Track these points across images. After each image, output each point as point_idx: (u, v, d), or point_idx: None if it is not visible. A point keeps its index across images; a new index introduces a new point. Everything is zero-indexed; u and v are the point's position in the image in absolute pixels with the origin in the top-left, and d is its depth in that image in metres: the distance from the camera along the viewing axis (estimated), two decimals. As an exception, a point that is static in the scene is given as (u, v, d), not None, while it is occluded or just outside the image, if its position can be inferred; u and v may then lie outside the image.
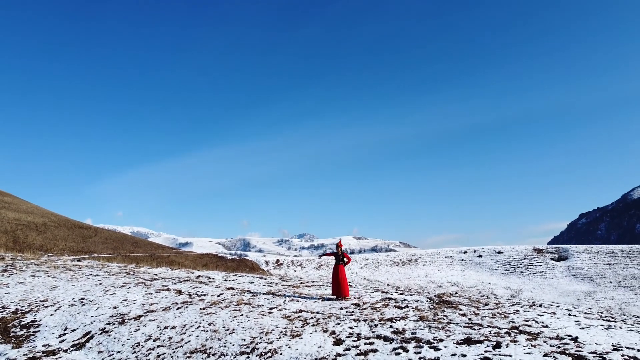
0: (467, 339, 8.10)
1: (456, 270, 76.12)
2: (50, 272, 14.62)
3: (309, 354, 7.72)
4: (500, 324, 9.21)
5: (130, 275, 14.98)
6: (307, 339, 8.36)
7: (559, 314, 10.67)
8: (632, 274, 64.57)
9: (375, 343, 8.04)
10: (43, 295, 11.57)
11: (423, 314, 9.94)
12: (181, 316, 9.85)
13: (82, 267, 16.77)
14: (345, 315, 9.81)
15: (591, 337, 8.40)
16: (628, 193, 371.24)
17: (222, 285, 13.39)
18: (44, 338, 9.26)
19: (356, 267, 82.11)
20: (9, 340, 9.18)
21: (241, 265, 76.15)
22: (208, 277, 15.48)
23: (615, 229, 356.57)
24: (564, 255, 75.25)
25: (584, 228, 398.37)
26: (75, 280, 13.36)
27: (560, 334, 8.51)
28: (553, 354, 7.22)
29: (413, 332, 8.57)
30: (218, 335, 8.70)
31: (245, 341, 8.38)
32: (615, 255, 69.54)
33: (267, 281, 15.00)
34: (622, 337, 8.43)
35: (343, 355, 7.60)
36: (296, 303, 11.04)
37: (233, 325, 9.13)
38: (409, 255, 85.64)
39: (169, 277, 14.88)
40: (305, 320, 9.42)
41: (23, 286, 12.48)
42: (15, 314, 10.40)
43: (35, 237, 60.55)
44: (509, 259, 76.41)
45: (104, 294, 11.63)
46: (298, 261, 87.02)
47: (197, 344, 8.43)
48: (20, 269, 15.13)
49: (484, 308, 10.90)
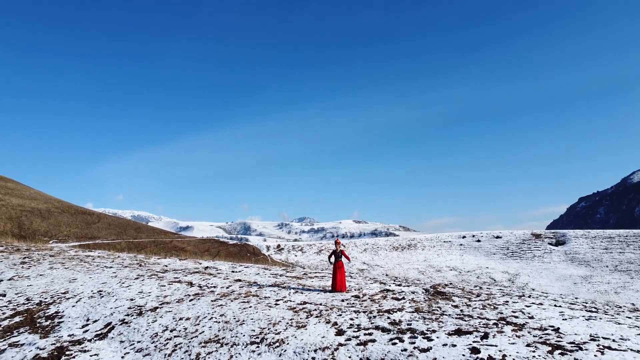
0: (458, 329, 8.87)
1: (455, 254, 77.27)
2: (67, 264, 15.39)
3: (313, 343, 8.48)
4: (490, 315, 9.98)
5: (142, 267, 15.76)
6: (312, 330, 9.13)
7: (546, 305, 11.43)
8: (629, 258, 65.62)
9: (374, 334, 8.81)
10: (63, 288, 12.34)
11: (418, 306, 10.71)
12: (194, 308, 10.62)
13: (95, 259, 17.55)
14: (346, 307, 10.58)
15: (572, 327, 9.15)
16: (628, 177, 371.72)
17: (230, 277, 14.18)
18: (68, 328, 10.04)
19: (356, 251, 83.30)
20: (36, 331, 9.96)
21: (243, 250, 77.39)
22: (215, 268, 16.26)
23: (615, 212, 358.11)
24: (562, 240, 76.24)
25: (583, 212, 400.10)
26: (91, 272, 14.13)
27: (544, 324, 9.27)
28: (535, 344, 7.97)
29: (408, 323, 9.34)
30: (229, 326, 9.48)
31: (254, 332, 9.15)
32: (612, 240, 70.52)
33: (272, 272, 15.78)
34: (600, 327, 9.18)
35: (344, 345, 8.36)
36: (300, 295, 11.82)
37: (243, 317, 9.90)
38: (408, 240, 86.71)
39: (179, 269, 15.67)
40: (310, 312, 10.20)
41: (43, 278, 13.25)
42: (39, 306, 11.18)
43: (39, 223, 61.52)
44: (507, 244, 77.49)
45: (120, 286, 12.41)
46: (299, 246, 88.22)
47: (211, 335, 9.20)
48: (38, 260, 15.90)
49: (475, 299, 11.68)
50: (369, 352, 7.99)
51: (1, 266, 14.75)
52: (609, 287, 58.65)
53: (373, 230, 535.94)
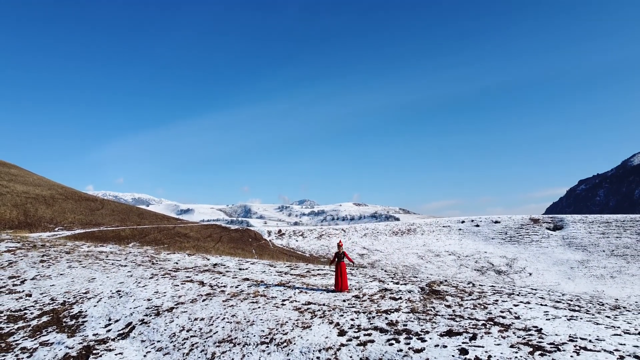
0: (449, 330, 9.75)
1: (454, 239, 78.46)
2: (84, 262, 16.29)
3: (317, 344, 9.36)
4: (479, 315, 10.86)
5: (155, 264, 16.67)
6: (316, 330, 10.02)
7: (532, 304, 12.32)
8: (625, 243, 66.76)
9: (373, 334, 9.69)
10: (84, 287, 13.24)
11: (414, 306, 11.59)
12: (207, 308, 11.51)
13: (108, 255, 18.46)
14: (347, 308, 11.47)
15: (554, 328, 10.02)
16: (628, 159, 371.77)
17: (238, 276, 15.08)
18: (92, 328, 10.94)
19: (356, 236, 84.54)
20: (63, 330, 10.86)
21: (244, 236, 78.61)
22: (224, 266, 17.17)
23: (614, 195, 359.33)
24: (560, 225, 77.27)
25: (583, 194, 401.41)
26: (108, 271, 15.03)
27: (528, 325, 10.14)
28: (518, 344, 8.85)
29: (404, 324, 10.22)
30: (241, 327, 10.37)
31: (264, 332, 10.04)
32: (609, 224, 71.55)
33: (277, 270, 16.69)
34: (579, 328, 10.06)
35: (346, 345, 9.25)
36: (305, 295, 12.72)
37: (253, 317, 10.80)
38: (408, 225, 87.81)
39: (190, 267, 16.56)
40: (314, 313, 11.09)
41: (64, 278, 14.15)
42: (63, 306, 12.07)
43: (44, 210, 62.58)
44: (505, 228, 78.62)
45: (136, 286, 13.30)
46: (299, 231, 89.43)
47: (224, 335, 10.10)
48: (56, 258, 16.79)
49: (467, 298, 12.57)
50: (368, 352, 8.87)
51: (22, 265, 15.65)
52: (605, 272, 59.88)
53: (373, 213, 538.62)
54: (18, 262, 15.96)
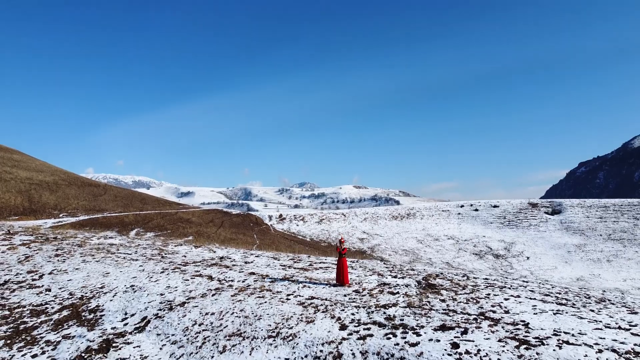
0: (442, 325, 10.52)
1: (453, 223, 79.45)
2: (97, 256, 17.08)
3: (320, 338, 10.14)
4: (471, 309, 11.63)
5: (165, 259, 17.46)
6: (319, 325, 10.79)
7: (522, 297, 13.09)
8: (622, 227, 67.67)
9: (372, 328, 10.46)
10: (99, 282, 14.02)
11: (410, 300, 12.37)
12: (217, 303, 12.30)
13: (118, 248, 19.26)
14: (348, 302, 12.24)
15: (540, 322, 10.78)
16: (629, 142, 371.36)
17: (245, 270, 15.87)
18: (110, 322, 11.73)
19: (356, 221, 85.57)
20: (83, 324, 11.65)
21: (246, 221, 79.62)
22: (230, 259, 17.96)
23: (614, 177, 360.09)
24: (558, 209, 78.12)
25: (582, 177, 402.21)
26: (120, 266, 15.82)
27: (516, 319, 10.91)
28: (506, 339, 9.61)
29: (401, 318, 10.99)
30: (249, 321, 11.15)
31: (271, 326, 10.83)
32: (607, 209, 72.38)
33: (281, 263, 17.49)
34: (564, 322, 10.82)
35: (347, 339, 10.02)
36: (308, 289, 13.50)
37: (260, 312, 11.58)
38: (408, 210, 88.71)
39: (198, 261, 17.36)
40: (317, 307, 11.86)
41: (80, 272, 14.93)
42: (81, 300, 12.86)
43: (48, 196, 63.38)
44: (504, 213, 79.52)
45: (149, 281, 14.09)
46: (300, 215, 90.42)
47: (234, 329, 10.89)
48: (69, 252, 17.58)
49: (461, 292, 13.34)
50: (367, 345, 9.64)
51: (39, 259, 16.44)
52: (601, 256, 60.96)
53: (373, 195, 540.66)
54: (34, 257, 16.74)
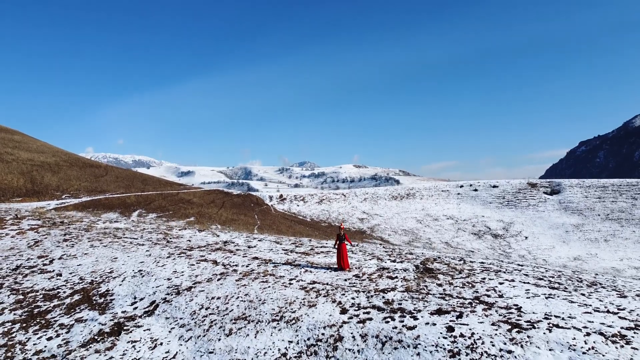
0: (438, 309, 11.01)
1: (452, 203, 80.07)
2: (104, 241, 17.56)
3: (322, 321, 10.64)
4: (467, 294, 12.12)
5: (170, 243, 17.95)
6: (321, 309, 11.29)
7: (517, 281, 13.58)
8: (620, 207, 68.25)
9: (371, 312, 10.96)
10: (108, 267, 14.52)
11: (408, 285, 12.85)
12: (222, 287, 12.79)
13: (124, 232, 19.74)
14: (348, 287, 12.74)
15: (532, 306, 11.27)
16: (630, 121, 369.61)
17: (248, 254, 16.37)
18: (120, 305, 12.25)
19: (356, 201, 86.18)
20: (94, 308, 12.17)
21: (246, 201, 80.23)
22: (233, 243, 18.47)
23: (614, 156, 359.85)
24: (557, 189, 78.52)
25: (582, 156, 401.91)
26: (128, 250, 16.30)
27: (510, 303, 11.40)
28: (499, 322, 10.10)
29: (399, 302, 11.49)
30: (253, 305, 11.65)
31: (274, 310, 11.33)
32: (606, 189, 72.85)
33: (283, 247, 17.98)
34: (555, 306, 11.31)
35: (347, 322, 10.53)
36: (310, 274, 13.99)
37: (264, 296, 12.08)
38: (407, 190, 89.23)
39: (203, 245, 17.85)
40: (318, 292, 12.35)
41: (89, 257, 15.42)
42: (91, 285, 13.37)
43: (50, 177, 63.80)
44: (503, 193, 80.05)
45: (156, 266, 14.58)
46: (300, 195, 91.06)
47: (239, 313, 11.39)
48: (77, 237, 18.06)
49: (457, 277, 13.82)
50: (367, 329, 10.14)
51: (48, 244, 16.92)
52: (599, 235, 61.68)
53: (373, 174, 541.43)
54: (43, 241, 17.22)
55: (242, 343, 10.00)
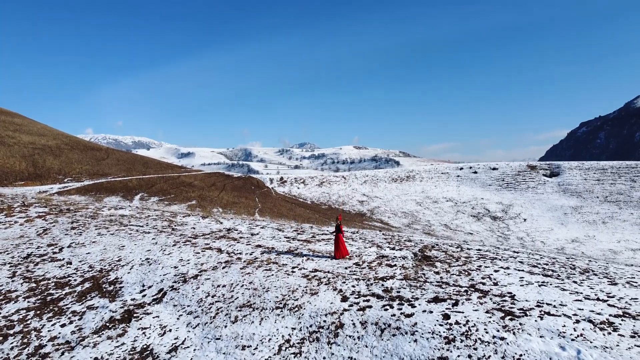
0: (435, 297, 11.48)
1: (452, 186, 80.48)
2: (111, 229, 18.00)
3: (324, 309, 11.12)
4: (463, 282, 12.59)
5: (175, 231, 18.41)
6: (322, 296, 11.77)
7: (511, 269, 14.04)
8: (619, 189, 68.69)
9: (371, 300, 11.43)
10: (116, 256, 14.98)
11: (407, 273, 13.32)
12: (227, 275, 13.26)
13: (130, 220, 20.18)
14: (348, 275, 13.21)
15: (525, 294, 11.75)
16: (631, 101, 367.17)
17: (252, 242, 16.83)
18: (129, 293, 12.73)
19: (356, 183, 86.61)
20: (104, 295, 12.65)
21: (247, 184, 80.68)
22: (237, 230, 18.95)
23: (615, 137, 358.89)
24: (556, 172, 78.85)
25: (583, 137, 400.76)
26: (134, 239, 16.75)
27: (504, 291, 11.87)
28: (493, 310, 10.57)
29: (398, 290, 11.96)
30: (258, 293, 12.13)
31: (278, 298, 11.81)
32: (605, 171, 73.15)
33: (285, 235, 18.43)
34: (547, 294, 11.78)
35: (348, 310, 11.00)
36: (311, 262, 14.46)
37: (267, 285, 12.55)
38: (407, 172, 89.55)
39: (207, 233, 18.31)
40: (320, 280, 12.83)
41: (97, 246, 15.88)
42: (101, 273, 13.84)
43: (52, 161, 64.05)
44: (502, 175, 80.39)
45: (162, 254, 15.04)
46: (301, 178, 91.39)
47: (244, 300, 11.87)
48: (84, 225, 18.50)
49: (454, 264, 14.29)
50: (366, 316, 10.62)
51: (56, 232, 17.36)
52: (597, 217, 62.21)
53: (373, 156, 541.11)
54: (51, 229, 17.66)
55: (247, 330, 10.49)
